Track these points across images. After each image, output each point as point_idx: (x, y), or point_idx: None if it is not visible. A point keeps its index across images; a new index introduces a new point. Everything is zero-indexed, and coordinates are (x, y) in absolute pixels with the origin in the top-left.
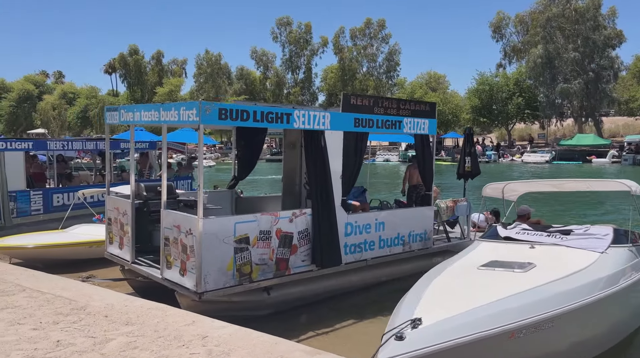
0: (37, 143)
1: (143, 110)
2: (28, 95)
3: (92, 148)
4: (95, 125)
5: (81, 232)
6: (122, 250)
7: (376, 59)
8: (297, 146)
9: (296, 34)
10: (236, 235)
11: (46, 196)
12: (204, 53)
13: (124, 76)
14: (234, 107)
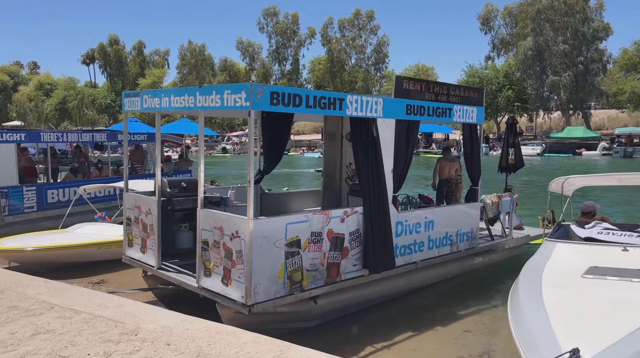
0: (30, 134)
1: (173, 95)
2: (2, 86)
3: (88, 139)
4: (75, 117)
5: (85, 232)
6: (145, 253)
7: (365, 51)
8: (336, 136)
9: (283, 25)
10: (287, 237)
11: (40, 193)
12: (187, 44)
13: (103, 66)
14: (286, 90)
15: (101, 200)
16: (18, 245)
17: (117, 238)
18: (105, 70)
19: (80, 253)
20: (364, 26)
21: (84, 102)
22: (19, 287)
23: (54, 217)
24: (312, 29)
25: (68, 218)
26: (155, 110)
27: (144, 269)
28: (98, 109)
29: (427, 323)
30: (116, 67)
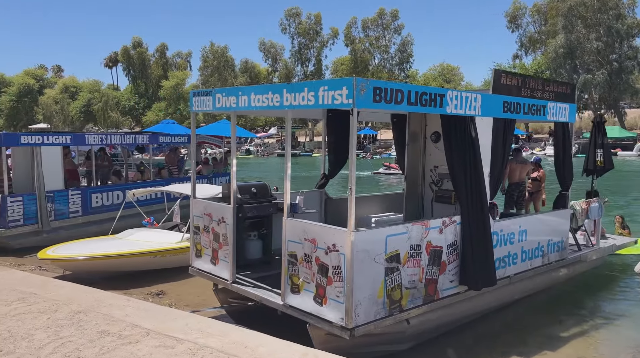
0: (75, 137)
1: (254, 93)
2: (29, 89)
3: (131, 141)
4: (99, 120)
5: (137, 239)
6: (216, 265)
7: (389, 51)
8: (419, 137)
9: (305, 25)
10: (387, 251)
11: (85, 197)
12: (209, 46)
13: (127, 69)
14: (389, 86)
15: (145, 203)
16: (71, 253)
17: (173, 246)
18: (128, 73)
19: (135, 262)
20: (388, 26)
21: (108, 104)
22: (102, 306)
23: (97, 221)
24: (335, 29)
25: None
26: (231, 110)
27: (214, 282)
28: (122, 112)
29: (532, 345)
30: (139, 69)
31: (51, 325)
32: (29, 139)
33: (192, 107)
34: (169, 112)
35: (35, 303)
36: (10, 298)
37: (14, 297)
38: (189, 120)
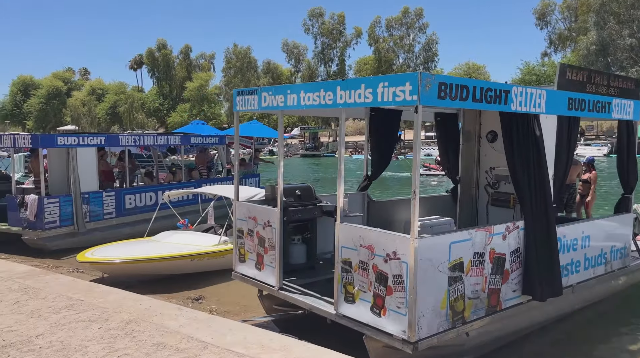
0: (109, 138)
1: (304, 91)
2: (57, 92)
3: (163, 143)
4: (125, 121)
5: (174, 241)
6: (261, 271)
7: (413, 50)
8: (473, 137)
9: (329, 25)
10: (451, 259)
11: (118, 198)
12: (232, 47)
13: (152, 71)
14: (454, 81)
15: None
16: (109, 256)
17: (210, 249)
18: (153, 74)
19: (173, 266)
20: (412, 24)
21: (133, 106)
22: (153, 316)
23: (131, 223)
24: (359, 29)
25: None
26: (278, 109)
27: (259, 288)
28: (147, 113)
29: None
30: (164, 71)
31: (104, 336)
32: (65, 140)
33: (235, 106)
34: (193, 113)
35: (84, 310)
36: (59, 304)
37: (62, 304)
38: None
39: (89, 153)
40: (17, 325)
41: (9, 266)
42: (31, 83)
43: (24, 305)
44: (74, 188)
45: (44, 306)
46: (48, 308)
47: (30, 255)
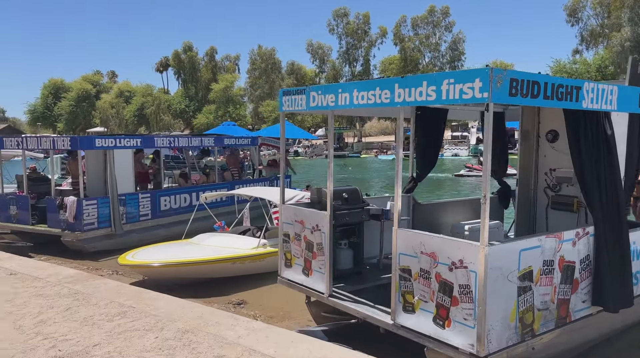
0: (145, 139)
1: (357, 89)
2: (86, 94)
3: (197, 144)
4: (152, 123)
5: (212, 244)
6: (309, 276)
7: (439, 49)
8: (532, 136)
9: (354, 25)
10: (520, 268)
11: (154, 200)
12: (257, 48)
13: (178, 73)
14: (525, 77)
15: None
16: (149, 259)
17: (251, 252)
18: (179, 76)
19: (213, 269)
20: (439, 23)
21: (160, 108)
22: (209, 325)
23: (166, 225)
24: (384, 29)
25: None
26: (328, 109)
27: (307, 294)
28: (173, 115)
29: None
30: (190, 73)
31: (162, 347)
32: (102, 142)
33: (281, 107)
34: (219, 114)
35: (137, 318)
36: (111, 311)
37: (114, 311)
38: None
39: (125, 155)
40: (71, 333)
41: (55, 270)
42: (62, 86)
43: (76, 311)
44: (111, 189)
45: (97, 313)
46: (101, 315)
47: (69, 257)
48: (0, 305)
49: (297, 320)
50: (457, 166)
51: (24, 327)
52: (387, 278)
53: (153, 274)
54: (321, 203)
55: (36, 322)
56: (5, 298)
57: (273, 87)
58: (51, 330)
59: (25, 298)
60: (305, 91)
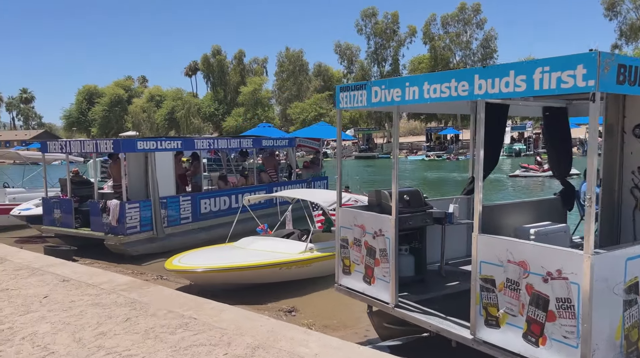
0: (185, 141)
1: (428, 82)
2: (119, 99)
3: (236, 146)
4: (182, 126)
5: (258, 248)
6: (372, 285)
7: (470, 47)
8: (616, 131)
9: (382, 25)
10: (627, 279)
11: (194, 203)
12: (285, 50)
13: (207, 76)
14: (634, 63)
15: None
16: (195, 263)
17: (299, 257)
18: (208, 80)
19: (260, 274)
20: (469, 21)
21: (190, 111)
22: (280, 340)
23: (206, 228)
24: (413, 28)
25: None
26: (394, 105)
27: (369, 304)
28: (203, 118)
29: None
30: (219, 76)
31: None
32: (144, 144)
33: (338, 104)
34: (248, 117)
35: (201, 331)
36: (172, 323)
37: (175, 322)
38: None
39: (166, 157)
40: (135, 347)
41: (108, 277)
42: (95, 92)
43: (136, 322)
44: (152, 192)
45: (157, 325)
46: (162, 328)
47: (112, 260)
48: (57, 314)
49: (353, 329)
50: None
51: (84, 339)
52: (453, 286)
53: (200, 279)
54: (381, 205)
55: (96, 333)
56: (61, 306)
57: (300, 89)
58: (113, 343)
59: (82, 307)
60: (366, 86)
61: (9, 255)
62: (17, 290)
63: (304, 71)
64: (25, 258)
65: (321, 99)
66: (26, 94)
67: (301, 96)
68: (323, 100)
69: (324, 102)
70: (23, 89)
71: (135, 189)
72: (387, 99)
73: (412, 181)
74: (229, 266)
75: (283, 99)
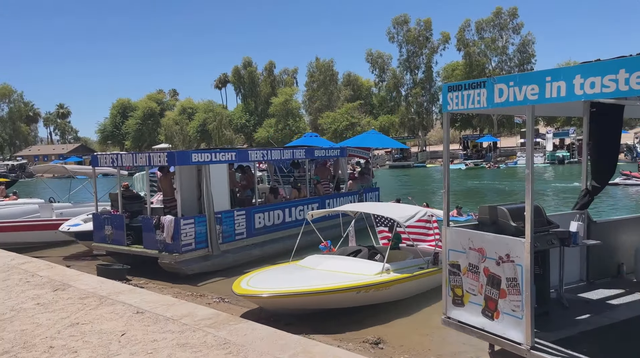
0: (239, 153)
1: (581, 74)
2: (151, 112)
3: (289, 157)
4: (214, 138)
5: (328, 269)
6: (495, 320)
7: (507, 52)
8: None
9: (414, 32)
10: None
11: (249, 217)
12: (315, 61)
13: (238, 88)
14: None
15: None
16: (265, 287)
17: (376, 280)
18: (239, 91)
19: (336, 299)
20: (505, 25)
21: (222, 123)
22: None
23: (260, 244)
24: (446, 34)
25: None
26: (527, 104)
27: (491, 342)
28: (234, 129)
29: None
30: (249, 88)
31: None
32: (198, 156)
33: (445, 106)
34: (279, 128)
35: None
36: None
37: None
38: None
39: (220, 170)
40: None
41: (187, 309)
42: (128, 105)
43: None
44: (207, 207)
45: None
46: None
47: (166, 279)
48: None
49: None
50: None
51: None
52: (586, 320)
53: (272, 305)
54: (497, 224)
55: None
56: (143, 348)
57: (331, 98)
58: None
59: (168, 349)
60: (486, 83)
61: (71, 279)
62: (88, 324)
63: (334, 81)
64: (89, 284)
65: (353, 109)
66: (62, 109)
67: (332, 106)
68: (355, 109)
69: (355, 112)
70: (60, 105)
71: (187, 204)
72: (517, 98)
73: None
74: (306, 290)
75: (314, 109)
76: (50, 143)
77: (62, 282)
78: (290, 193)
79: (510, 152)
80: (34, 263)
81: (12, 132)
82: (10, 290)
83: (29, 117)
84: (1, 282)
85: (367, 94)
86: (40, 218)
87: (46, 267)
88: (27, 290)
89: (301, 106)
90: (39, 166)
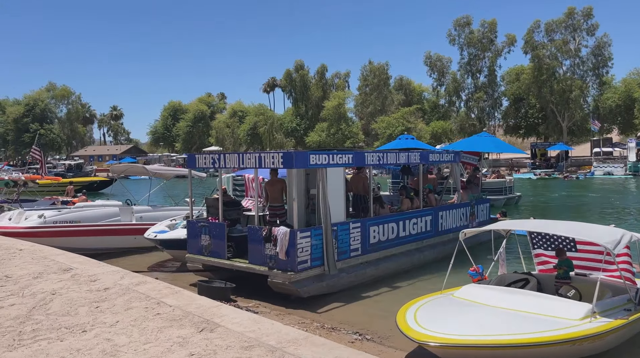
0: (356, 155)
1: None
2: (202, 115)
3: (404, 160)
4: (265, 141)
5: (509, 307)
6: None
7: (580, 55)
8: None
9: (477, 34)
10: None
11: (364, 231)
12: (368, 64)
13: (289, 92)
14: None
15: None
16: (435, 331)
17: (591, 330)
18: (290, 95)
19: (541, 354)
20: (579, 26)
21: (273, 126)
22: None
23: (373, 262)
24: (512, 36)
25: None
26: None
27: None
28: (285, 133)
29: None
30: (301, 91)
31: None
32: (316, 159)
33: None
34: (331, 132)
35: None
36: None
37: None
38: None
39: (337, 174)
40: None
41: (276, 328)
42: (179, 108)
43: None
44: (324, 218)
45: None
46: None
47: (276, 302)
48: None
49: None
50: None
51: None
52: None
53: (455, 355)
54: None
55: None
56: None
57: (385, 103)
58: None
59: None
60: None
61: (213, 314)
62: None
63: (387, 85)
64: (241, 323)
65: (409, 113)
66: (116, 111)
67: (385, 110)
68: (410, 114)
69: (411, 117)
70: (113, 107)
71: (299, 214)
72: None
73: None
74: (505, 342)
75: (366, 114)
76: (104, 143)
77: (203, 318)
78: (400, 202)
79: (581, 162)
80: (151, 285)
81: (70, 132)
82: (143, 328)
83: (85, 118)
84: (125, 313)
85: (418, 98)
86: (120, 221)
87: (170, 292)
88: (164, 328)
89: (351, 110)
90: (116, 166)
